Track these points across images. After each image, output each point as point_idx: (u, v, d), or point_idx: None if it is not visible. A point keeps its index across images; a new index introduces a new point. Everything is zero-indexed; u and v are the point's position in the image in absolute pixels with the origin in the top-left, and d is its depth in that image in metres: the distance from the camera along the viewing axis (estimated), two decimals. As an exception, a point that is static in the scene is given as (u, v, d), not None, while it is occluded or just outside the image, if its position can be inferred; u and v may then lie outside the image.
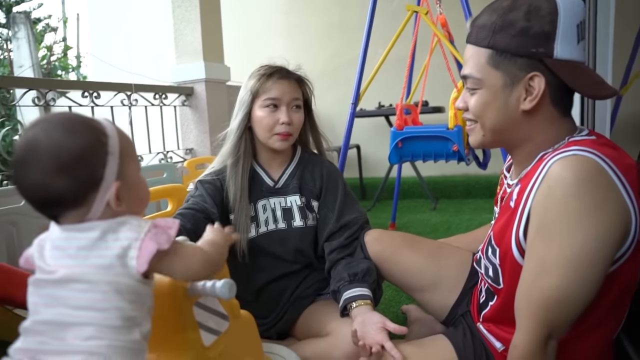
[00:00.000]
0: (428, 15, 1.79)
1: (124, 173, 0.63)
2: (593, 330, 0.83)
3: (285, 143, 1.24)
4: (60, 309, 0.58)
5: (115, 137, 0.63)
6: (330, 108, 4.08)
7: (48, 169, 0.58)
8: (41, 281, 0.60)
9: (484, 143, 0.92)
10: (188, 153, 2.96)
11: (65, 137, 0.59)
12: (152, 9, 4.42)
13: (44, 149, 0.58)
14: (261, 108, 1.23)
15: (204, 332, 0.76)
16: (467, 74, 0.88)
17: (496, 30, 0.82)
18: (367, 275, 1.18)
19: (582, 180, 0.73)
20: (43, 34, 12.31)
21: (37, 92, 2.08)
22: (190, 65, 2.86)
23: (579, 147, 0.76)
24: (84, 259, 0.59)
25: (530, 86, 0.81)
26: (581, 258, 0.73)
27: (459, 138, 1.67)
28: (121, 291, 0.59)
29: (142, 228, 0.61)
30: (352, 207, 1.30)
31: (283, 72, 1.25)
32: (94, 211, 0.61)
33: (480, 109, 0.87)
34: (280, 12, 4.33)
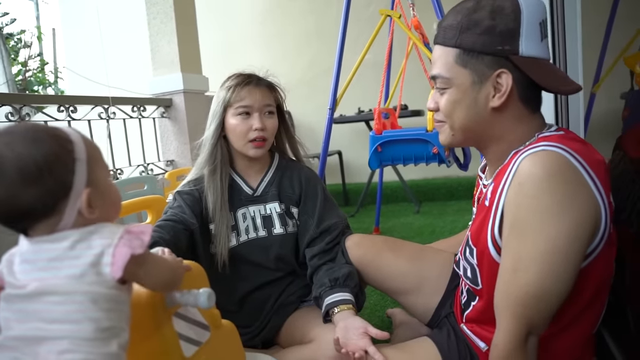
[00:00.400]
0: (402, 19, 1.81)
1: (93, 179, 0.62)
2: (573, 326, 0.84)
3: (260, 150, 1.24)
4: (33, 324, 0.56)
5: (81, 144, 0.62)
6: (310, 116, 4.11)
7: (15, 182, 0.56)
8: (12, 296, 0.58)
9: (453, 142, 0.93)
10: (169, 165, 2.94)
11: (29, 147, 0.57)
12: (127, 22, 4.39)
13: (8, 162, 0.56)
14: (234, 116, 1.23)
15: (184, 342, 0.75)
16: (436, 74, 0.89)
17: (462, 29, 0.83)
18: (349, 279, 1.17)
19: (552, 175, 0.74)
20: (17, 50, 12.12)
21: (11, 107, 2.04)
22: (168, 76, 2.84)
23: (548, 143, 0.77)
24: (56, 270, 0.58)
25: (498, 83, 0.83)
26: (554, 253, 0.74)
27: (438, 140, 1.68)
28: (97, 300, 0.58)
29: (114, 234, 0.60)
30: (331, 212, 1.30)
31: (253, 79, 1.25)
32: (65, 220, 0.60)
33: (449, 107, 0.88)
34: (256, 21, 4.34)
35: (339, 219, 1.29)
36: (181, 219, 1.19)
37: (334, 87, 1.90)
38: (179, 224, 1.17)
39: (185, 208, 1.21)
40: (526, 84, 0.83)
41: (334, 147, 3.70)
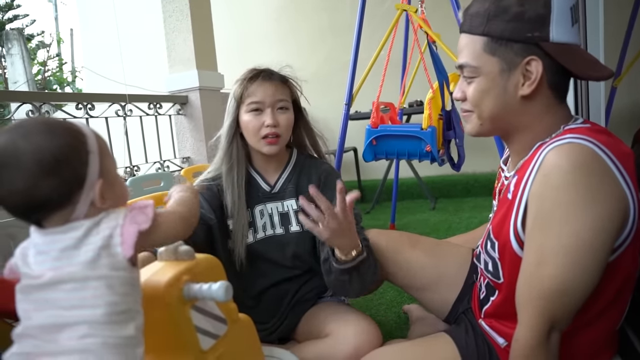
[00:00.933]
0: (417, 13, 1.79)
1: (104, 171, 0.64)
2: (596, 322, 0.82)
3: (273, 147, 1.21)
4: (51, 311, 0.58)
5: (93, 137, 0.64)
6: (325, 111, 4.09)
7: (32, 173, 0.58)
8: (29, 287, 0.60)
9: (481, 132, 0.91)
10: (185, 161, 2.96)
11: (45, 139, 0.59)
12: (143, 20, 4.43)
13: (26, 154, 0.58)
14: (246, 113, 1.21)
15: (202, 335, 0.75)
16: (463, 63, 0.87)
17: (490, 16, 0.81)
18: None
19: (578, 167, 0.72)
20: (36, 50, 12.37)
21: (32, 105, 2.08)
22: (184, 74, 2.86)
23: (574, 135, 0.75)
24: (69, 259, 0.59)
25: (527, 71, 0.81)
26: (579, 246, 0.72)
27: (432, 139, 1.68)
28: (112, 285, 0.59)
29: (119, 214, 0.62)
30: None
31: (265, 74, 1.22)
32: (78, 211, 0.61)
33: (478, 97, 0.86)
34: (271, 18, 4.34)
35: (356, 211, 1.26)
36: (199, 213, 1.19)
37: (349, 82, 1.89)
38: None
39: (204, 203, 1.21)
40: (556, 71, 0.81)
41: (349, 143, 3.68)
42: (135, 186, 1.99)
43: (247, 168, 1.28)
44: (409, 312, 1.48)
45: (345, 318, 1.17)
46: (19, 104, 2.06)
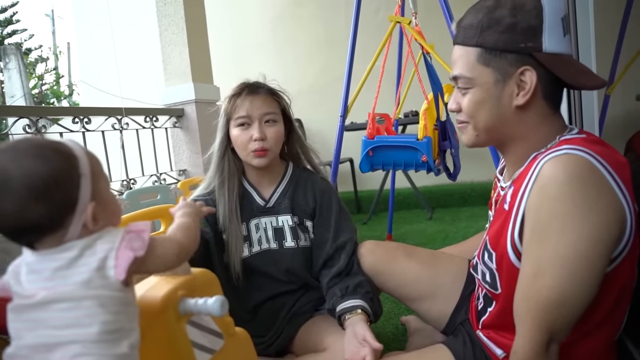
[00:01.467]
0: (410, 25, 1.81)
1: (97, 192, 0.63)
2: (594, 333, 0.82)
3: (263, 160, 1.21)
4: (43, 331, 0.57)
5: (85, 158, 0.63)
6: (321, 123, 4.11)
7: (22, 198, 0.57)
8: (20, 306, 0.59)
9: (477, 142, 0.91)
10: (181, 174, 2.96)
11: (35, 163, 0.58)
12: (139, 34, 4.46)
13: (15, 178, 0.57)
14: (235, 127, 1.22)
15: (198, 350, 0.75)
16: (457, 74, 0.87)
17: (483, 28, 0.82)
18: (359, 287, 1.17)
19: (574, 178, 0.72)
20: (34, 64, 12.40)
21: (28, 119, 2.08)
22: (180, 87, 2.87)
23: (570, 146, 0.76)
24: (63, 279, 0.59)
25: (521, 81, 0.81)
26: (577, 257, 0.72)
27: (427, 149, 1.69)
28: (104, 304, 0.58)
29: (115, 237, 0.61)
30: (347, 225, 1.28)
31: (251, 87, 1.23)
32: (70, 234, 0.61)
33: (473, 108, 0.87)
34: (266, 28, 4.37)
35: (352, 233, 1.28)
36: None
37: (344, 94, 1.90)
38: None
39: None
40: (549, 80, 0.82)
41: (345, 154, 3.68)
42: (132, 199, 1.98)
43: (242, 182, 1.29)
44: (407, 323, 1.47)
45: (343, 331, 1.16)
46: (16, 119, 2.06)
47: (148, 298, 0.69)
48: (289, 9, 4.28)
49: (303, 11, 4.23)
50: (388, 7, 3.70)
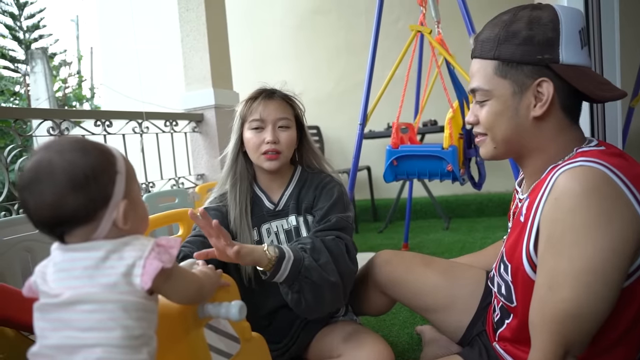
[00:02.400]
0: (432, 35, 1.81)
1: (129, 192, 0.66)
2: (614, 349, 0.80)
3: (274, 163, 1.22)
4: (67, 332, 0.58)
5: (122, 159, 0.67)
6: (339, 130, 4.12)
7: (64, 187, 0.60)
8: (47, 305, 0.60)
9: (496, 155, 0.92)
10: (199, 178, 2.99)
11: (78, 157, 0.62)
12: (161, 39, 4.53)
13: (60, 169, 0.60)
14: (249, 130, 1.23)
15: (215, 354, 0.75)
16: (475, 87, 0.88)
17: (500, 41, 0.83)
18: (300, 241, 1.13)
19: (589, 190, 0.72)
20: (59, 68, 12.70)
21: (52, 122, 2.12)
22: (200, 92, 2.90)
23: (586, 158, 0.75)
24: (90, 279, 0.60)
25: (539, 92, 0.82)
26: (592, 270, 0.71)
27: (453, 158, 1.68)
28: (127, 309, 0.60)
29: (145, 247, 0.63)
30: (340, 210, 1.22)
31: (267, 92, 1.25)
32: (101, 229, 0.63)
33: (491, 119, 0.87)
34: (287, 36, 4.41)
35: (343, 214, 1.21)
36: None
37: (364, 102, 1.91)
38: (207, 239, 1.18)
39: None
40: (567, 92, 0.82)
41: (363, 162, 3.69)
42: (150, 202, 2.01)
43: (252, 187, 1.30)
44: (422, 333, 1.46)
45: (357, 339, 1.16)
46: (40, 121, 2.10)
47: (167, 301, 0.70)
48: (309, 16, 4.31)
49: (324, 19, 4.26)
50: (408, 16, 3.71)
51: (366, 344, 1.13)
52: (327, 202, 1.23)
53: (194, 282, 0.71)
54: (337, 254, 1.11)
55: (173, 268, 0.64)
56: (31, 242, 1.60)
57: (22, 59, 11.83)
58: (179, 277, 0.67)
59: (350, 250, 1.16)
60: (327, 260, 1.08)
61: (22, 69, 11.37)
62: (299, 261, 1.05)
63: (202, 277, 0.75)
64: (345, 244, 1.14)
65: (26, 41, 12.10)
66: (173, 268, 0.64)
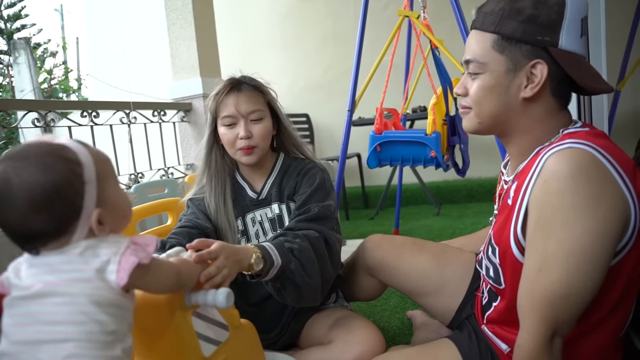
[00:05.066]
0: (419, 19, 1.80)
1: (103, 198, 0.63)
2: (600, 327, 0.82)
3: (250, 157, 1.21)
4: (34, 327, 0.56)
5: (90, 164, 0.62)
6: (329, 117, 4.11)
7: (24, 210, 0.57)
8: (15, 299, 0.59)
9: (479, 130, 0.91)
10: (189, 168, 2.97)
11: (37, 174, 0.57)
12: (148, 28, 4.47)
13: (17, 190, 0.57)
14: (222, 126, 1.21)
15: (204, 342, 0.75)
16: (470, 58, 0.87)
17: (504, 16, 0.82)
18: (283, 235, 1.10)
19: (578, 172, 0.72)
20: (43, 59, 12.49)
21: (37, 113, 2.09)
22: (188, 81, 2.87)
23: (574, 140, 0.75)
24: (62, 273, 0.58)
25: (532, 74, 0.82)
26: (581, 251, 0.72)
27: (436, 144, 1.68)
28: (100, 303, 0.58)
29: (120, 244, 0.61)
30: (321, 198, 1.20)
31: (235, 85, 1.21)
32: (75, 239, 0.61)
33: (481, 93, 0.87)
34: (275, 24, 4.37)
35: (325, 203, 1.18)
36: (196, 224, 1.19)
37: (352, 89, 1.90)
38: (194, 229, 1.18)
39: (199, 213, 1.22)
40: (560, 78, 0.82)
41: (353, 149, 3.68)
42: (139, 193, 1.99)
43: (235, 177, 1.29)
44: (413, 318, 1.47)
45: (348, 324, 1.17)
46: (25, 113, 2.07)
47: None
48: (297, 4, 4.27)
49: (311, 7, 4.22)
50: (397, 3, 3.68)
51: (357, 329, 1.14)
52: (308, 188, 1.21)
53: (171, 271, 0.69)
54: (321, 256, 1.09)
55: (150, 263, 0.63)
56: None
57: (4, 50, 11.62)
58: (156, 270, 0.65)
59: (332, 247, 1.13)
60: (312, 264, 1.06)
61: (5, 60, 11.17)
62: (285, 266, 1.02)
63: (179, 264, 0.72)
64: (327, 240, 1.12)
65: (8, 31, 11.87)
66: (150, 263, 0.63)
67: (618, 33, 2.50)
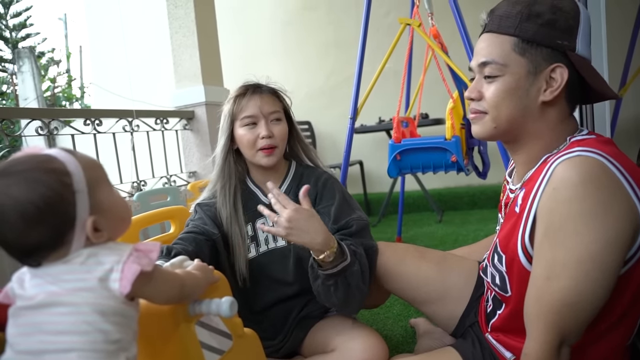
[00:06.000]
0: (421, 28, 1.80)
1: (96, 204, 0.62)
2: (607, 336, 0.81)
3: (271, 158, 1.22)
4: (39, 337, 0.56)
5: (79, 172, 0.61)
6: (331, 125, 4.12)
7: (19, 227, 0.57)
8: (20, 309, 0.59)
9: (493, 135, 0.90)
10: (191, 176, 2.97)
11: (26, 190, 0.57)
12: (150, 37, 4.49)
13: (9, 209, 0.57)
14: (241, 127, 1.22)
15: (207, 351, 0.75)
16: (488, 60, 0.86)
17: (523, 19, 0.83)
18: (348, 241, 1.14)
19: (587, 180, 0.72)
20: (47, 67, 12.58)
21: (41, 122, 2.10)
22: (190, 89, 2.89)
23: (583, 148, 0.75)
24: (65, 283, 0.58)
25: (551, 78, 0.82)
26: (590, 259, 0.72)
27: (457, 148, 1.67)
28: (105, 313, 0.58)
29: (123, 251, 0.61)
30: (350, 210, 1.24)
31: (255, 87, 1.24)
32: (74, 248, 0.60)
33: (500, 97, 0.85)
34: (277, 32, 4.39)
35: (357, 216, 1.22)
36: (203, 230, 1.20)
37: (354, 96, 1.90)
38: (200, 235, 1.18)
39: (206, 219, 1.22)
40: (574, 83, 0.83)
41: (355, 157, 3.69)
42: (142, 201, 2.00)
43: (247, 183, 1.29)
44: (416, 326, 1.46)
45: (351, 332, 1.16)
46: (29, 121, 2.08)
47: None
48: (299, 12, 4.30)
49: (313, 15, 4.25)
50: (399, 9, 3.70)
51: (360, 338, 1.14)
52: (331, 200, 1.23)
53: (175, 282, 0.69)
54: (371, 268, 1.16)
55: (153, 271, 0.62)
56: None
57: (8, 59, 11.71)
58: (160, 279, 0.65)
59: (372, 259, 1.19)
60: (366, 272, 1.12)
61: (9, 69, 11.25)
62: (350, 265, 1.06)
63: (184, 275, 0.72)
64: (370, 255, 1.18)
65: (13, 40, 11.97)
66: (153, 271, 0.62)
67: (619, 40, 2.51)
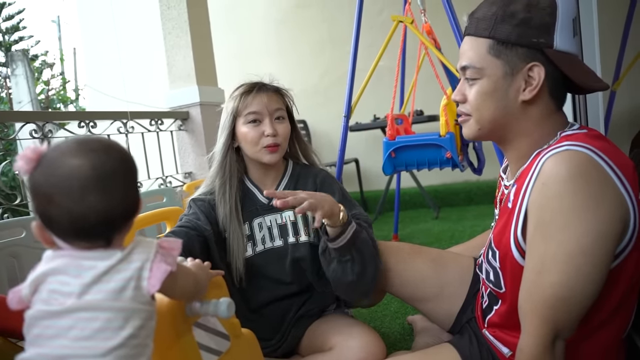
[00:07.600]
0: (414, 24, 1.80)
1: None
2: (602, 329, 0.82)
3: (274, 155, 1.22)
4: (63, 341, 0.56)
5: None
6: (326, 123, 4.12)
7: (128, 185, 0.62)
8: (45, 313, 0.57)
9: (479, 136, 0.92)
10: (187, 177, 2.97)
11: (128, 158, 0.62)
12: (144, 38, 4.48)
13: (119, 172, 0.61)
14: (245, 124, 1.21)
15: (205, 352, 0.75)
16: (467, 64, 0.87)
17: (497, 20, 0.83)
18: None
19: (576, 175, 0.72)
20: (41, 70, 12.53)
21: (35, 125, 2.09)
22: (184, 90, 2.88)
23: (572, 142, 0.76)
24: (97, 285, 0.58)
25: (529, 77, 0.82)
26: (581, 252, 0.72)
27: (451, 145, 1.67)
28: (130, 318, 0.58)
29: (150, 248, 0.62)
30: (351, 206, 1.24)
31: (260, 85, 1.24)
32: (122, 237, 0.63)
33: (480, 99, 0.87)
34: (270, 30, 4.38)
35: (358, 212, 1.24)
36: (195, 225, 1.19)
37: (348, 94, 1.90)
38: (192, 230, 1.17)
39: (200, 215, 1.22)
40: (556, 78, 0.82)
41: (351, 154, 3.69)
42: (138, 202, 1.99)
43: (244, 181, 1.29)
44: (413, 323, 1.47)
45: (349, 330, 1.16)
46: (23, 124, 2.07)
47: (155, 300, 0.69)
48: (292, 10, 4.29)
49: (306, 13, 4.24)
50: (392, 7, 3.70)
51: (357, 335, 1.14)
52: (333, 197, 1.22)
53: (190, 277, 0.71)
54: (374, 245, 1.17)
55: (177, 270, 0.64)
56: (17, 248, 1.57)
57: (2, 62, 11.66)
58: (180, 275, 0.67)
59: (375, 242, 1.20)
60: (373, 240, 1.15)
61: (3, 72, 11.20)
62: (359, 232, 1.08)
63: (196, 270, 0.75)
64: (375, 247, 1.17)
65: (6, 43, 11.92)
66: (177, 270, 0.64)
67: (611, 33, 2.51)
